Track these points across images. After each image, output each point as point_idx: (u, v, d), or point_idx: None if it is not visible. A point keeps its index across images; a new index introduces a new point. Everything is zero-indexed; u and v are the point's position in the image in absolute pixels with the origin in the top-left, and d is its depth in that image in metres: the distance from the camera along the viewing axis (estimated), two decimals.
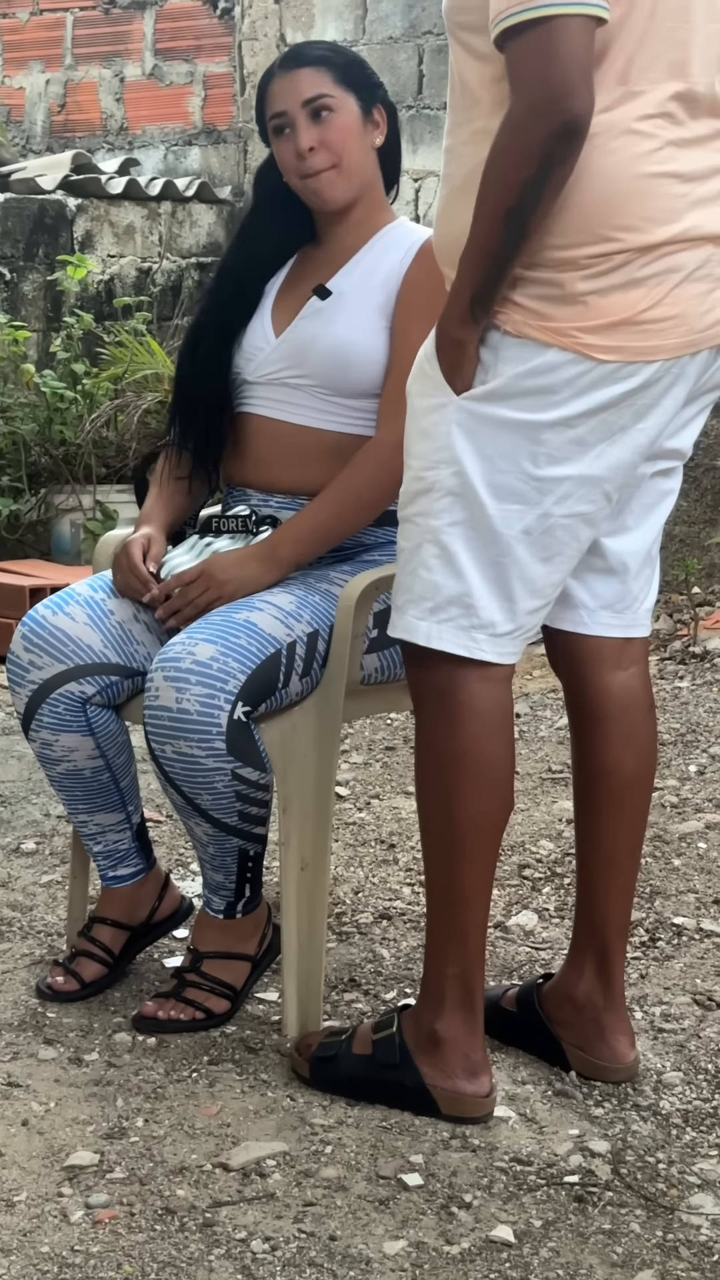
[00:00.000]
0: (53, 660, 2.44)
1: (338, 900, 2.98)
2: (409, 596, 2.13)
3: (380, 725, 4.14)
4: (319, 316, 2.52)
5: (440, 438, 2.07)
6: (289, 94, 2.47)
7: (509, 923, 2.89)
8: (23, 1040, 2.42)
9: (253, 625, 2.32)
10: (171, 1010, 2.44)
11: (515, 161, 1.91)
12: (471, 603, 2.09)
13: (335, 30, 6.32)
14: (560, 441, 2.03)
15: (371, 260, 2.54)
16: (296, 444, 2.53)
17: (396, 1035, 2.24)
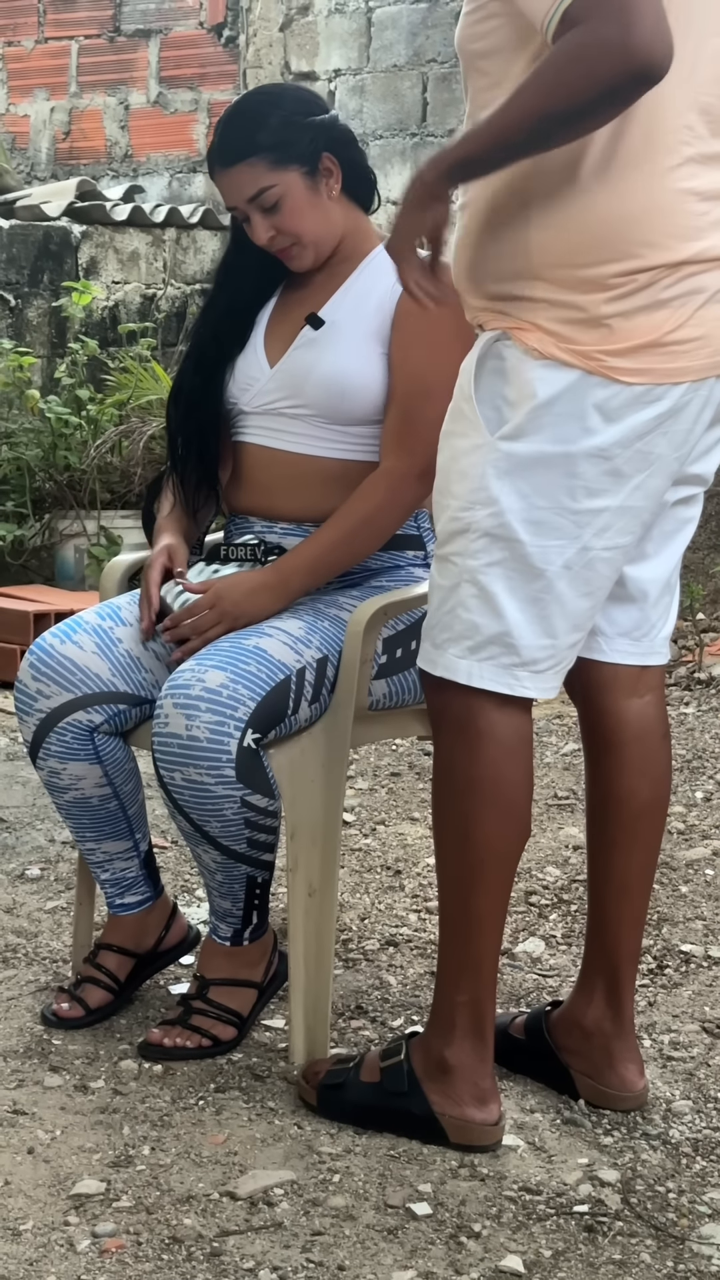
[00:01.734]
0: (60, 689, 2.43)
1: (344, 927, 2.97)
2: (448, 635, 2.12)
3: (386, 751, 4.13)
4: (313, 346, 2.51)
5: (476, 478, 2.06)
6: (233, 192, 2.48)
7: (516, 950, 2.87)
8: (28, 1067, 2.40)
9: (262, 652, 2.32)
10: (178, 1037, 2.42)
11: (577, 76, 1.81)
12: (512, 642, 2.08)
13: (339, 58, 6.35)
14: (596, 473, 2.03)
15: (362, 286, 2.53)
16: (297, 472, 2.52)
17: (405, 1063, 2.22)
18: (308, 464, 2.52)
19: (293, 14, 6.48)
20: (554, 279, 1.99)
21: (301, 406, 2.51)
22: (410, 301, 2.40)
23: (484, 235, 2.03)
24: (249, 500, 2.59)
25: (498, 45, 1.97)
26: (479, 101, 2.06)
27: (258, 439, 2.56)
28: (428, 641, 2.16)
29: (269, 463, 2.55)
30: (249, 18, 6.64)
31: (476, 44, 2.03)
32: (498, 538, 2.06)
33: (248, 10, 6.64)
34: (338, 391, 2.48)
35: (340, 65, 6.35)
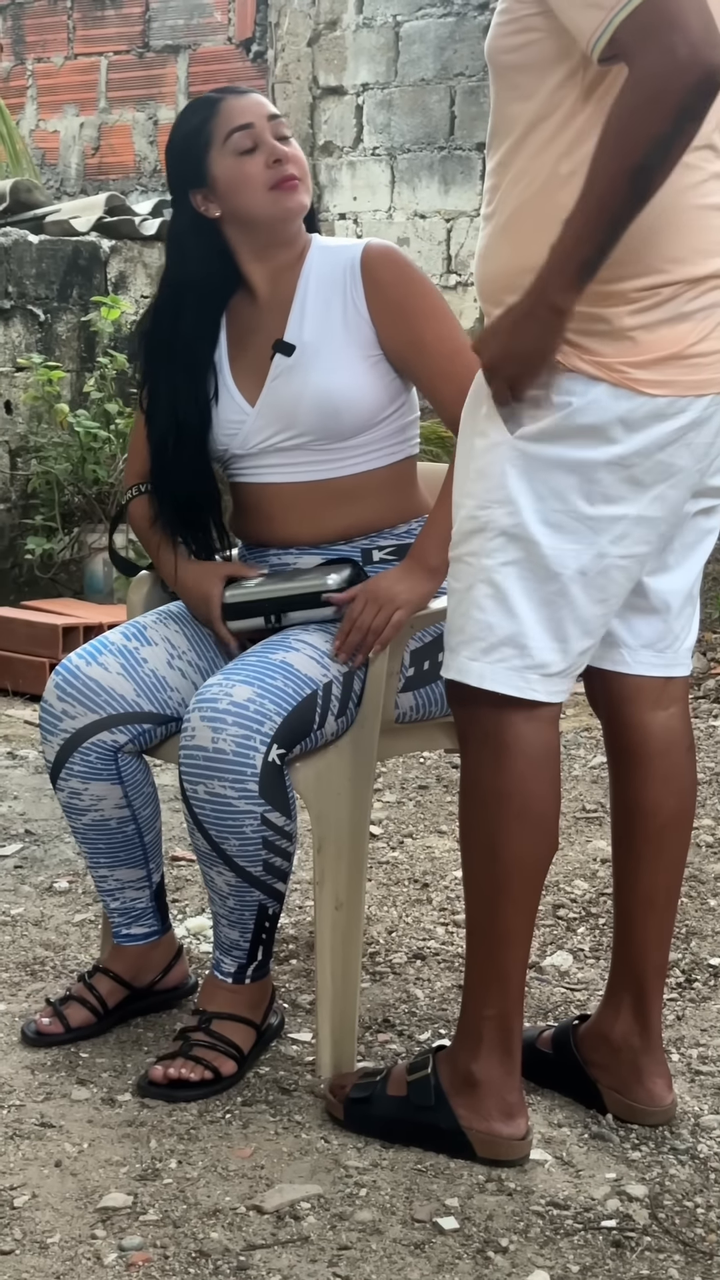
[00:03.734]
0: (86, 710, 2.43)
1: (371, 940, 2.96)
2: (461, 638, 2.12)
3: (413, 764, 4.13)
4: (293, 373, 2.46)
5: (495, 477, 2.06)
6: (252, 109, 2.45)
7: (544, 963, 2.87)
8: (56, 1080, 2.41)
9: (289, 666, 2.32)
10: (182, 1069, 2.36)
11: (650, 115, 1.83)
12: (525, 643, 2.08)
13: (367, 72, 6.36)
14: (614, 480, 2.03)
15: (316, 299, 2.47)
16: (308, 499, 2.50)
17: (432, 1077, 2.22)
18: (317, 489, 2.50)
19: (321, 29, 6.50)
20: None
21: (298, 436, 2.48)
22: (380, 298, 2.44)
23: (509, 248, 2.03)
24: (261, 533, 2.57)
25: (533, 58, 1.97)
26: (507, 114, 2.06)
27: (259, 478, 2.53)
28: (445, 647, 2.17)
29: (275, 496, 2.52)
30: (277, 33, 6.66)
31: (509, 55, 2.02)
32: (514, 537, 2.06)
33: (276, 25, 6.66)
34: (331, 411, 2.45)
35: (368, 79, 6.37)
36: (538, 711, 2.12)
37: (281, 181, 2.43)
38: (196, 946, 2.92)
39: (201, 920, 3.03)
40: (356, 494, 2.49)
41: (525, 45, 1.98)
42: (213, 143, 2.44)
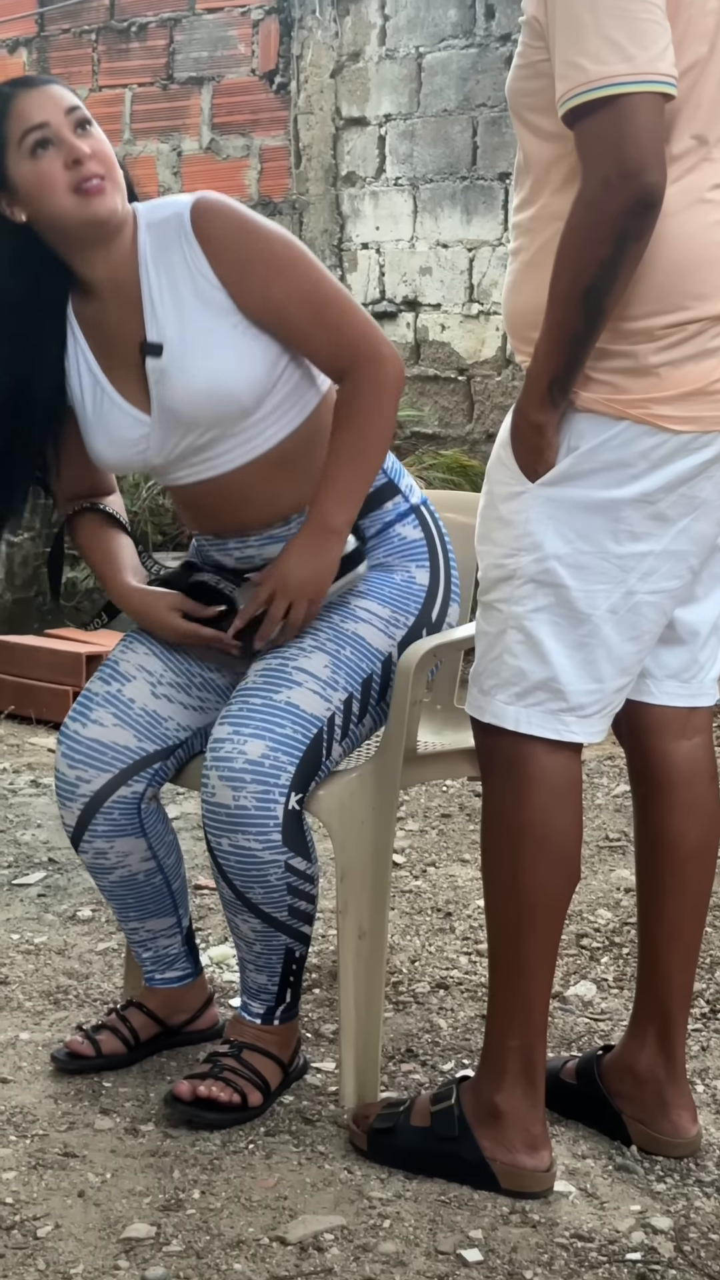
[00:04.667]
0: (98, 771, 2.42)
1: (394, 969, 2.96)
2: (495, 681, 2.12)
3: (436, 792, 4.13)
4: (169, 375, 2.31)
5: (520, 525, 2.07)
6: (46, 105, 2.26)
7: (567, 993, 2.86)
8: (79, 1110, 2.40)
9: (295, 708, 2.28)
10: (212, 1087, 2.35)
11: (591, 239, 1.92)
12: (559, 687, 2.09)
13: (390, 103, 6.39)
14: (640, 518, 2.04)
15: (161, 286, 2.31)
16: (245, 484, 2.39)
17: (455, 1107, 2.21)
18: (249, 472, 2.38)
19: (344, 60, 6.53)
20: (605, 330, 1.99)
21: (206, 432, 2.34)
22: (222, 258, 2.27)
23: (533, 285, 2.04)
24: (212, 525, 2.48)
25: (550, 101, 1.98)
26: (529, 153, 2.09)
27: (188, 479, 2.42)
28: (475, 688, 2.16)
29: (212, 492, 2.42)
30: (300, 64, 6.70)
31: (527, 98, 2.05)
32: (543, 583, 2.07)
33: (299, 57, 6.71)
34: (225, 398, 2.31)
35: (391, 110, 6.39)
36: (560, 743, 2.12)
37: (82, 182, 2.24)
38: (220, 975, 2.92)
39: (225, 949, 3.02)
40: (288, 460, 2.38)
41: (542, 90, 2.00)
42: (7, 145, 2.27)
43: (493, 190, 6.06)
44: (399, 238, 6.44)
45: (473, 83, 6.10)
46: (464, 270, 6.22)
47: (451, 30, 6.17)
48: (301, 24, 6.67)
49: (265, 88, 6.89)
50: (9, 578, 5.75)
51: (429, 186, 6.27)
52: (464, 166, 6.16)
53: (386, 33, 6.40)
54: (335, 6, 6.53)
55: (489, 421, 6.16)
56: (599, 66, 1.88)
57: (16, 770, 4.37)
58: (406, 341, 6.43)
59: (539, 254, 2.06)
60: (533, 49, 2.03)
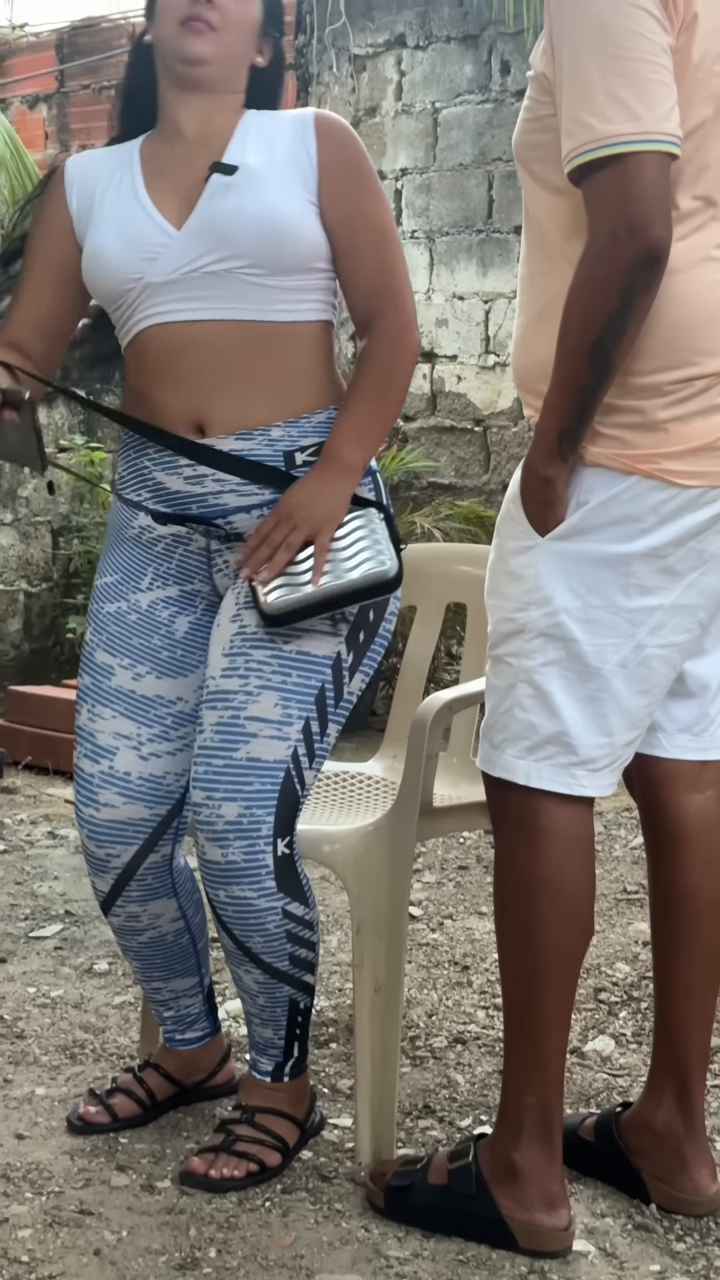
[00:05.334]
0: (125, 845, 2.40)
1: (411, 1024, 2.94)
2: (505, 735, 2.13)
3: (453, 844, 4.12)
4: (233, 191, 2.25)
5: (530, 579, 2.08)
6: None
7: (585, 1048, 2.84)
8: (95, 1166, 2.39)
9: (257, 761, 2.24)
10: (224, 1167, 2.31)
11: (598, 294, 1.93)
12: (570, 741, 2.09)
13: (406, 158, 6.44)
14: (649, 572, 2.05)
15: (259, 135, 2.30)
16: (233, 349, 2.26)
17: (473, 1165, 2.20)
18: (244, 334, 2.26)
19: (360, 115, 6.59)
20: (613, 385, 2.01)
21: (233, 258, 2.24)
22: (333, 157, 2.28)
23: (541, 339, 2.06)
24: (171, 405, 2.29)
25: (556, 155, 2.00)
26: (536, 206, 2.11)
27: (176, 315, 2.26)
28: (485, 742, 2.17)
29: (195, 342, 2.26)
30: None
31: (534, 152, 2.08)
32: (553, 637, 2.07)
33: None
34: (276, 234, 2.24)
35: (407, 164, 6.45)
36: (572, 797, 2.12)
37: (190, 19, 2.24)
38: (236, 1030, 2.91)
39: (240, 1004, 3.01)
40: (284, 349, 2.28)
41: (548, 144, 2.02)
42: None
43: (508, 243, 6.10)
44: (415, 289, 6.47)
45: (488, 137, 6.15)
46: (480, 322, 6.25)
47: (467, 85, 6.23)
48: (319, 79, 6.74)
49: None
50: (26, 628, 5.77)
51: (445, 239, 6.31)
52: (480, 220, 6.20)
53: (403, 88, 6.47)
54: (352, 63, 6.60)
55: (505, 472, 6.18)
56: (606, 125, 1.90)
57: (34, 821, 4.37)
58: (423, 393, 6.46)
59: (546, 308, 2.07)
60: (540, 104, 2.05)
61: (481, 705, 2.43)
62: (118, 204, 2.32)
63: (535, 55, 2.07)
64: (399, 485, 6.18)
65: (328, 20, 6.61)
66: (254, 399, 2.28)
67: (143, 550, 2.41)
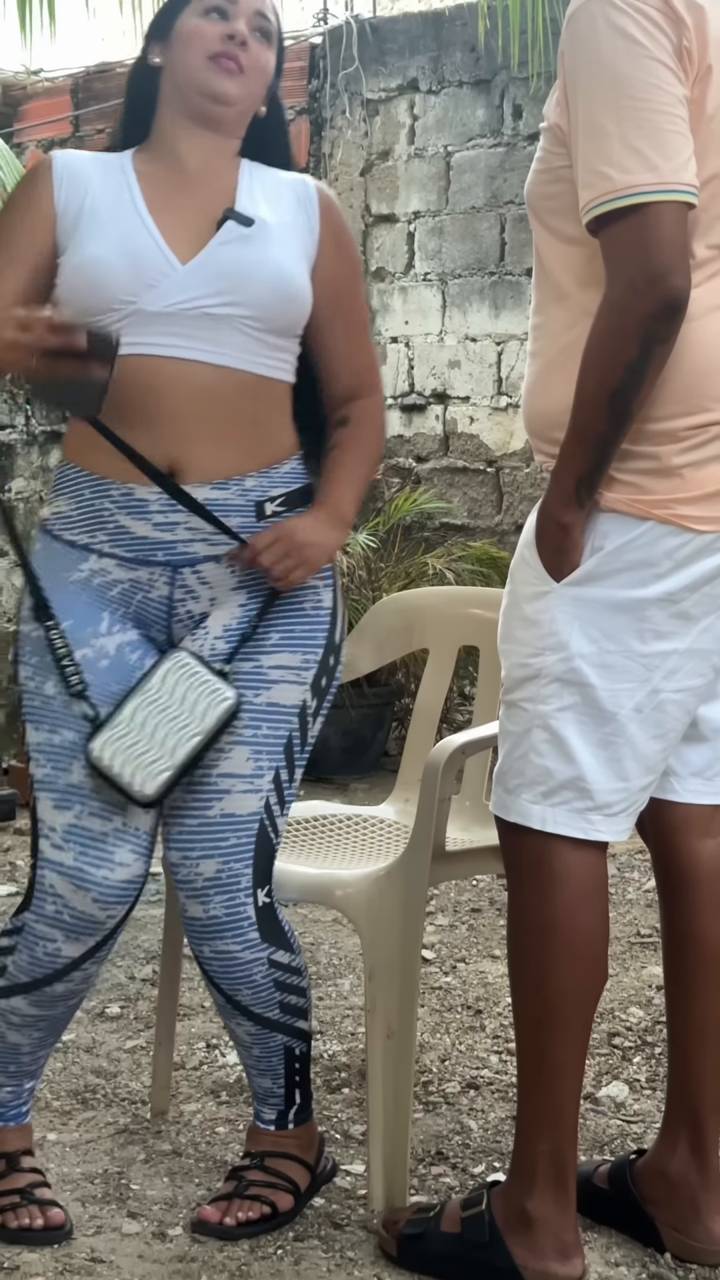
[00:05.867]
0: (124, 905, 2.24)
1: (424, 1068, 2.93)
2: (520, 780, 2.13)
3: (465, 887, 4.11)
4: (250, 243, 2.24)
5: (545, 625, 2.08)
6: (251, 3, 2.29)
7: (599, 1094, 2.83)
8: (106, 1213, 2.38)
9: (231, 817, 2.23)
10: (238, 1213, 2.30)
11: (617, 343, 1.94)
12: (585, 786, 2.09)
13: (419, 201, 6.48)
14: (664, 616, 2.05)
15: (266, 191, 2.32)
16: (205, 390, 2.22)
17: (486, 1213, 2.18)
18: (226, 381, 2.23)
19: (373, 159, 6.64)
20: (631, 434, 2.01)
21: (238, 305, 2.22)
22: (332, 224, 2.33)
23: (559, 384, 2.06)
24: (149, 447, 2.21)
25: (569, 205, 2.02)
26: (548, 255, 2.11)
27: (162, 350, 2.21)
28: (500, 787, 2.16)
29: (176, 381, 2.21)
30: (331, 163, 6.81)
31: (547, 202, 2.09)
32: (568, 682, 2.07)
33: (329, 156, 6.81)
34: (287, 295, 2.26)
35: (419, 207, 6.48)
36: (586, 841, 2.11)
37: (224, 57, 2.25)
38: None
39: None
40: (260, 402, 2.27)
41: (561, 194, 2.04)
42: (191, 2, 2.30)
43: (520, 285, 6.13)
44: (428, 331, 6.50)
45: (500, 180, 6.19)
46: (492, 364, 6.27)
47: (479, 130, 6.27)
48: (332, 124, 6.79)
49: None
50: None
51: (457, 282, 6.34)
52: (492, 262, 6.23)
53: (415, 132, 6.51)
54: (365, 107, 6.65)
55: (518, 513, 6.19)
56: (625, 175, 1.91)
57: None
58: (436, 434, 6.47)
59: (559, 356, 2.08)
60: (554, 155, 2.07)
61: (494, 748, 2.44)
62: (118, 217, 2.25)
63: (549, 107, 2.08)
64: (411, 526, 6.18)
65: (341, 65, 6.66)
66: (229, 448, 2.26)
67: (94, 594, 2.28)
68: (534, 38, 5.29)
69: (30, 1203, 2.31)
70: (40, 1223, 2.29)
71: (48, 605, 2.27)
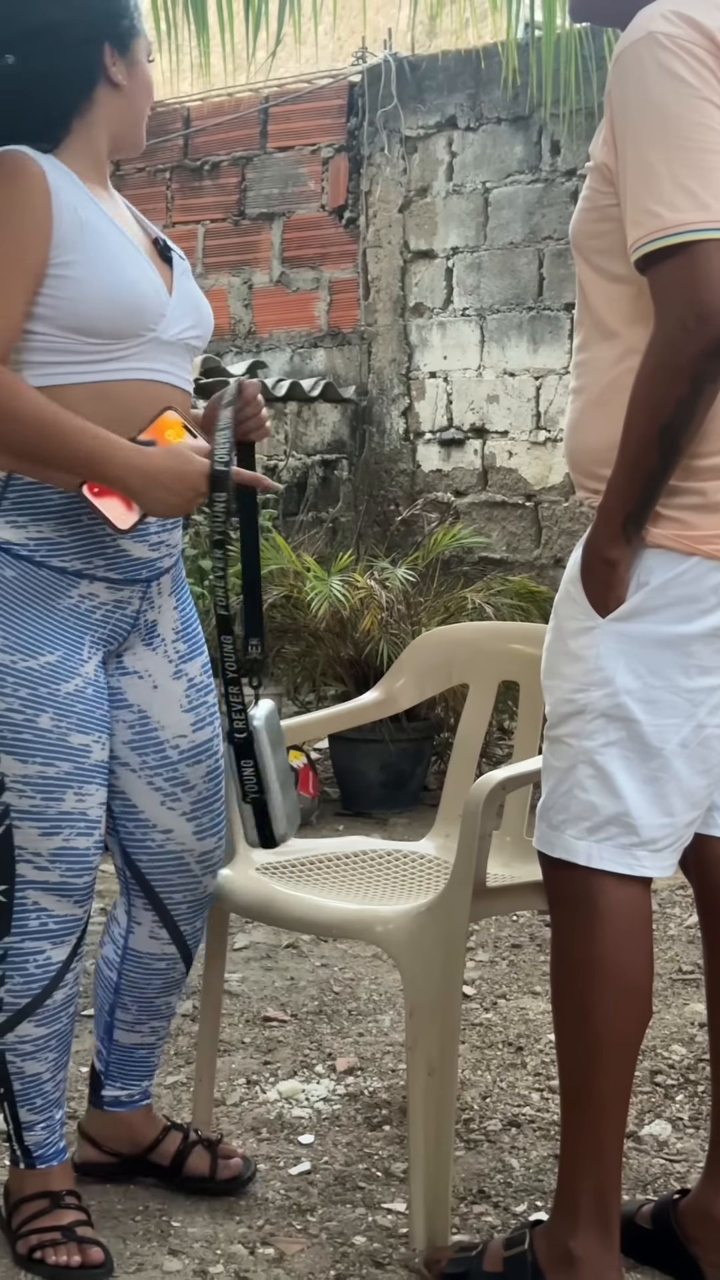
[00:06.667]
0: (91, 901, 2.38)
1: (465, 1106, 2.92)
2: (565, 816, 2.12)
3: (506, 922, 4.09)
4: (189, 275, 2.40)
5: (590, 660, 2.08)
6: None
7: (642, 1132, 2.80)
8: (147, 1250, 2.38)
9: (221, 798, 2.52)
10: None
11: (667, 381, 1.94)
12: (631, 822, 2.08)
13: (457, 236, 6.51)
14: (709, 652, 2.04)
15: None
16: (185, 411, 2.33)
17: (529, 1253, 2.17)
18: (187, 401, 2.36)
19: (412, 195, 6.68)
20: None
21: (199, 337, 2.36)
22: None
23: (599, 423, 2.07)
24: None
25: (616, 245, 2.02)
26: (593, 293, 2.11)
27: (164, 375, 2.29)
28: (544, 822, 2.16)
29: (171, 403, 2.28)
30: (369, 200, 6.85)
31: (593, 241, 2.09)
32: (614, 718, 2.07)
33: (368, 193, 6.85)
34: (210, 324, 2.41)
35: (458, 243, 6.51)
36: (630, 877, 2.10)
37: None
38: (289, 1111, 2.89)
39: (293, 1084, 3.00)
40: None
41: (608, 233, 2.04)
42: (139, 35, 2.30)
43: (559, 320, 6.14)
44: (466, 366, 6.52)
45: (539, 216, 6.21)
46: (531, 398, 6.28)
47: (518, 166, 6.30)
48: (370, 161, 6.83)
49: (335, 222, 7.04)
50: None
51: (496, 317, 6.37)
52: (530, 297, 6.25)
53: (454, 169, 6.54)
54: (404, 144, 6.69)
55: (556, 547, 6.19)
56: (674, 214, 1.91)
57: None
58: (474, 468, 6.49)
59: (605, 392, 2.08)
60: (600, 194, 2.07)
61: (536, 784, 2.43)
62: (123, 243, 2.25)
63: (595, 146, 2.09)
64: (450, 560, 6.19)
65: (379, 103, 6.71)
66: None
67: (79, 620, 2.28)
68: (568, 75, 5.32)
69: (71, 1240, 2.31)
70: (79, 1260, 2.29)
71: (39, 635, 2.24)
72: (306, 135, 6.96)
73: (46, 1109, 2.39)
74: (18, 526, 2.23)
